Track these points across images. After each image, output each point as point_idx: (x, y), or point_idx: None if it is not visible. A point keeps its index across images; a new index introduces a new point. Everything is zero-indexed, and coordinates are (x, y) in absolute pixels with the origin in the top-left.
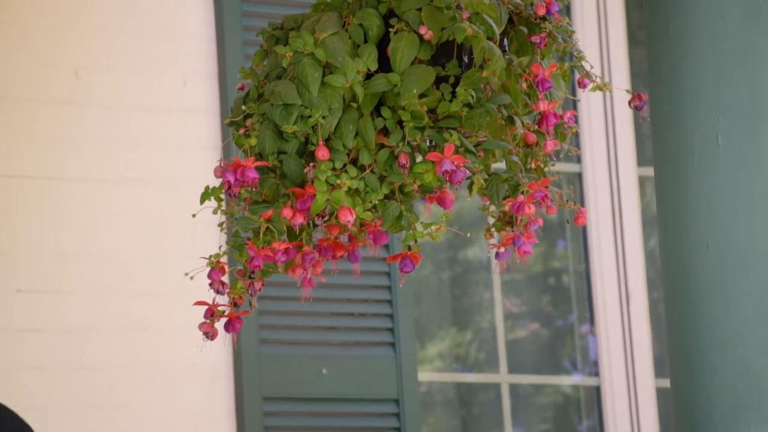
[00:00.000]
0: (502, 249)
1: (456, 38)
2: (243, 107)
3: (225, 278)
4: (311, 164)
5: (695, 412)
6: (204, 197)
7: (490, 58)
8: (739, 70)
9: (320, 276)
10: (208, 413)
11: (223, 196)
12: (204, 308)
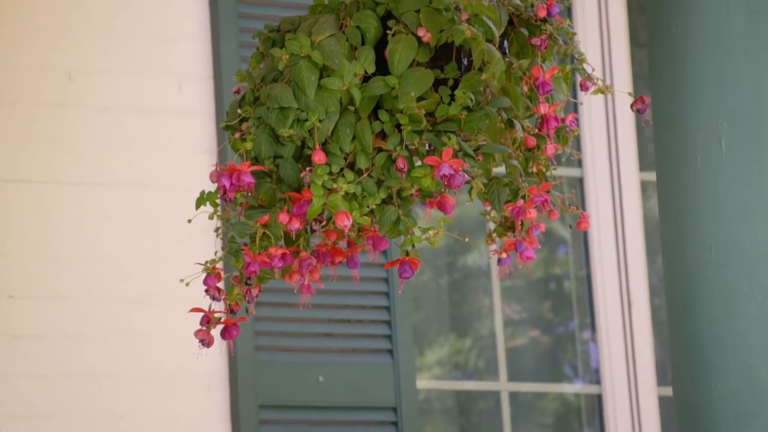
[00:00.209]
0: (504, 255)
1: (455, 40)
2: (239, 110)
3: (221, 284)
4: (308, 168)
5: (698, 420)
6: (199, 202)
7: (490, 61)
8: (743, 71)
9: (319, 282)
10: (204, 421)
11: (219, 201)
12: (200, 315)
